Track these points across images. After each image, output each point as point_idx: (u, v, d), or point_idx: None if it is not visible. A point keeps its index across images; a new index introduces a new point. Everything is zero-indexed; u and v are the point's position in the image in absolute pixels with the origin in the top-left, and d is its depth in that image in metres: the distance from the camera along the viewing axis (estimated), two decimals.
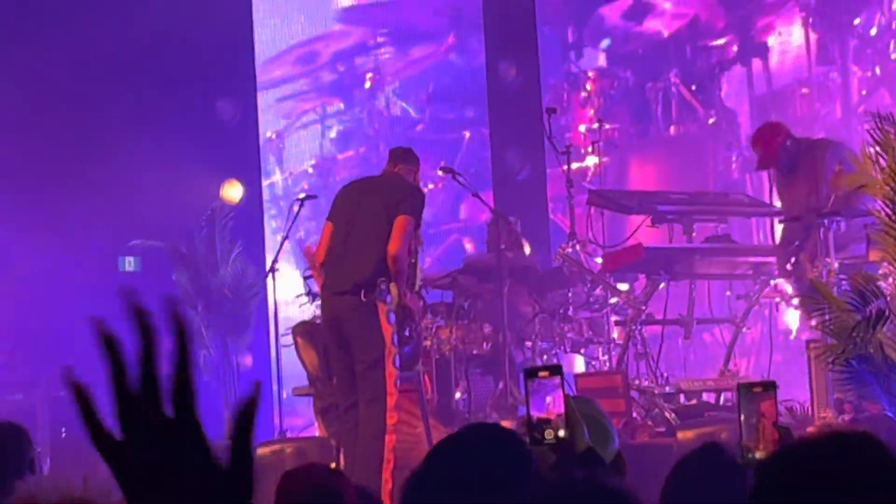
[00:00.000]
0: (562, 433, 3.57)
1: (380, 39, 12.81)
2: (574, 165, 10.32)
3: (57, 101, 10.79)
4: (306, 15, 12.67)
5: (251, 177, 11.73)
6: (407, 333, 7.72)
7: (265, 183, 12.58)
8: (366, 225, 7.47)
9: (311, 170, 13.29)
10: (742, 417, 3.66)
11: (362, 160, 12.58)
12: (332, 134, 13.36)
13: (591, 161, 10.94)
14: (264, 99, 12.26)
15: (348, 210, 7.65)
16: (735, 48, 10.82)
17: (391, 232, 7.34)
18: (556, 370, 3.82)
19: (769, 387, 6.06)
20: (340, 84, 13.07)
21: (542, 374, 3.88)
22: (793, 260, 8.48)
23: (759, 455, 3.48)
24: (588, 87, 11.67)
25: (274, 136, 13.15)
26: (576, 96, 11.64)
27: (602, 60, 11.90)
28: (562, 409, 3.67)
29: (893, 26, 9.79)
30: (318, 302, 8.68)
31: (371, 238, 7.34)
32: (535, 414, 3.68)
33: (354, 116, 13.37)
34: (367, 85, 13.03)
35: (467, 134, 12.56)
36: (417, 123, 12.86)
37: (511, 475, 3.03)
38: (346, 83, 13.03)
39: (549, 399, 4.24)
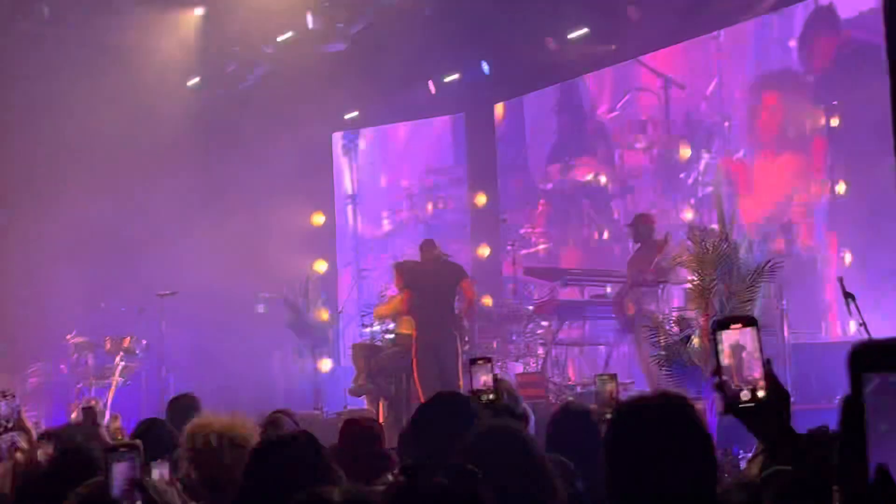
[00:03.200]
0: (491, 396, 4.69)
1: (438, 181, 17.37)
2: (531, 250, 15.26)
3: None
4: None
5: (330, 255, 16.88)
6: None
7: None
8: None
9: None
10: (596, 395, 5.27)
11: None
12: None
13: (541, 246, 15.49)
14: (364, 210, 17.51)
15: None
16: (615, 188, 15.13)
17: None
18: (488, 360, 4.86)
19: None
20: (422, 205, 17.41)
21: (480, 361, 4.86)
22: (620, 303, 11.71)
23: (608, 416, 4.46)
24: (539, 207, 16.03)
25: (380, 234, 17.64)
26: (531, 211, 16.03)
27: (548, 195, 16.11)
28: (491, 383, 4.74)
29: (699, 179, 13.76)
30: (370, 329, 13.34)
31: None
32: (476, 386, 4.73)
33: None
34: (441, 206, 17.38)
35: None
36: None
37: (463, 419, 4.07)
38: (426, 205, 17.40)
39: (484, 377, 4.72)
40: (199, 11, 15.12)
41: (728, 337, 2.44)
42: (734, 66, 13.80)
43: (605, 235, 15.22)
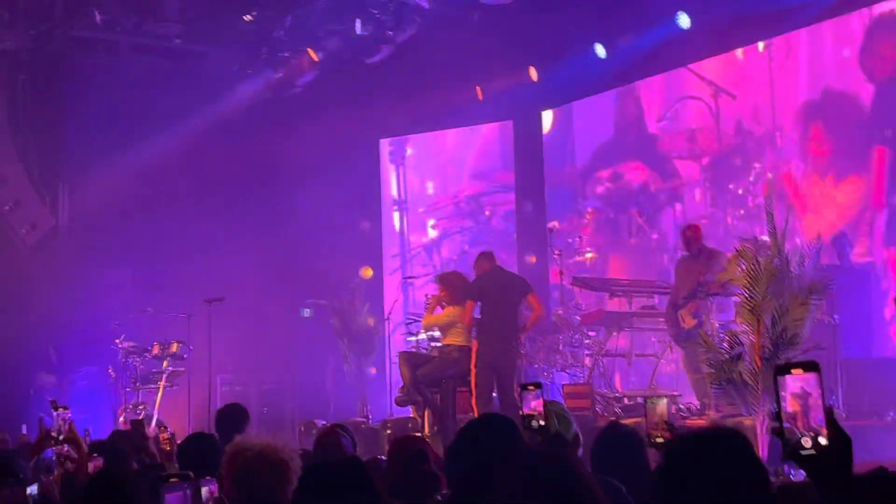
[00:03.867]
0: (542, 422, 4.58)
1: (486, 189, 17.29)
2: (578, 259, 14.85)
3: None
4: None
5: (377, 262, 16.92)
6: None
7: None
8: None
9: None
10: (646, 417, 4.80)
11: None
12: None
13: (589, 255, 15.01)
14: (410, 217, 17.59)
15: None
16: (663, 197, 14.88)
17: None
18: (538, 385, 4.71)
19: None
20: (469, 213, 17.47)
21: (530, 387, 4.73)
22: (675, 315, 11.39)
23: (658, 440, 4.59)
24: (587, 216, 15.67)
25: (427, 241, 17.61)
26: (579, 220, 15.82)
27: (596, 203, 15.83)
28: (541, 409, 4.61)
29: (749, 189, 13.55)
30: (416, 337, 13.37)
31: None
32: (525, 411, 4.62)
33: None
34: (487, 213, 17.34)
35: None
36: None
37: (506, 442, 4.02)
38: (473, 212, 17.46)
39: (534, 403, 4.67)
40: (248, 17, 15.14)
41: (789, 382, 2.39)
42: (787, 74, 13.60)
43: (654, 245, 15.06)
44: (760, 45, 13.70)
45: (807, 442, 2.35)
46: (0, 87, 15.39)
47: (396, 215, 17.93)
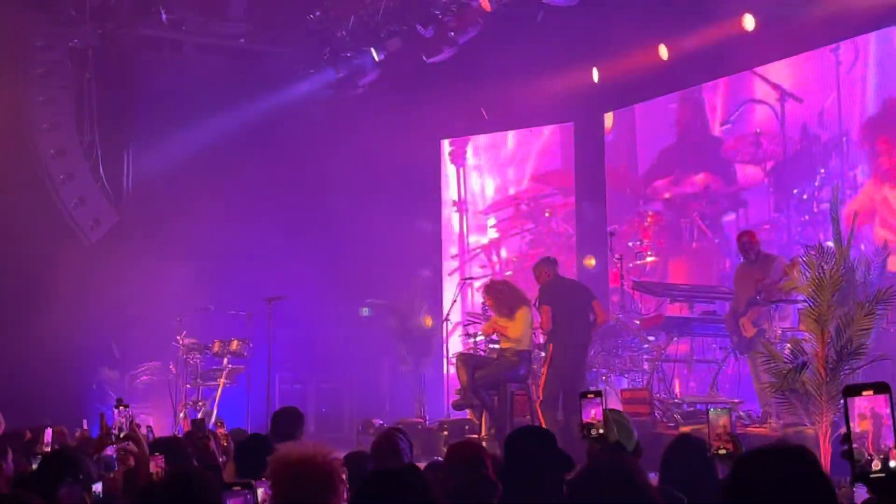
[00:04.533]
0: (601, 431, 4.68)
1: (546, 191, 17.28)
2: (639, 262, 14.79)
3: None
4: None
5: (436, 262, 16.94)
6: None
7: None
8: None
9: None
10: (708, 428, 4.69)
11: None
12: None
13: (650, 259, 14.93)
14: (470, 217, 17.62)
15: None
16: (726, 201, 14.67)
17: None
18: (598, 394, 4.79)
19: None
20: (529, 214, 17.43)
21: (589, 395, 4.80)
22: (736, 323, 11.39)
23: (721, 451, 4.57)
24: (648, 220, 15.36)
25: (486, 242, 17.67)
26: (640, 223, 15.53)
27: (658, 206, 15.63)
28: (601, 417, 4.71)
29: (814, 195, 13.33)
30: (475, 339, 13.38)
31: None
32: (585, 419, 4.70)
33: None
34: (547, 214, 17.31)
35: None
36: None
37: (542, 450, 4.35)
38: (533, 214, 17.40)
39: (593, 411, 4.74)
40: (312, 16, 15.25)
41: (859, 403, 2.35)
42: (854, 79, 13.39)
43: (715, 250, 14.89)
44: (834, 46, 13.44)
45: (876, 464, 2.30)
46: (67, 84, 15.65)
47: (456, 216, 17.93)
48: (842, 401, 2.45)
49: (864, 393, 2.34)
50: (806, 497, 2.68)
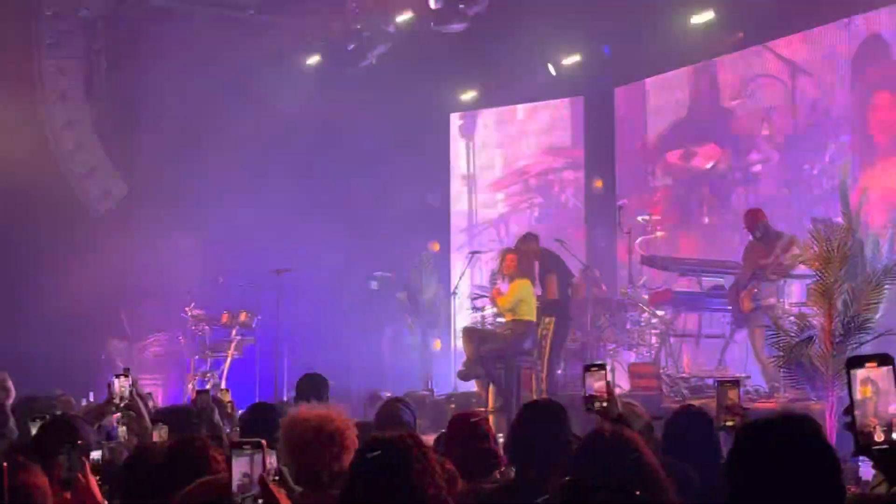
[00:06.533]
0: (605, 404, 4.65)
1: (555, 165, 17.30)
2: (648, 236, 14.44)
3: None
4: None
5: (445, 236, 17.00)
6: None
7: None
8: None
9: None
10: (717, 401, 4.72)
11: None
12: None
13: (659, 234, 14.55)
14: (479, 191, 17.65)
15: None
16: (736, 176, 14.68)
17: None
18: (602, 366, 4.73)
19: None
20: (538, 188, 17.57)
21: (593, 368, 4.73)
22: (736, 297, 11.48)
23: (728, 423, 4.61)
24: (658, 194, 15.51)
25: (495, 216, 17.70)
26: (650, 197, 15.63)
27: (668, 181, 15.82)
28: (605, 390, 4.67)
29: (825, 171, 13.24)
30: (482, 312, 13.48)
31: None
32: (589, 392, 4.67)
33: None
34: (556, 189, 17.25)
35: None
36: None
37: (556, 421, 4.45)
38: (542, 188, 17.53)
39: (597, 384, 4.65)
40: None
41: (862, 375, 2.34)
42: (867, 54, 13.29)
43: (725, 225, 14.80)
44: (846, 21, 13.34)
45: (879, 436, 2.29)
46: (77, 56, 15.65)
47: (465, 190, 17.88)
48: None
49: (868, 365, 2.33)
50: (809, 464, 2.68)
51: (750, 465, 2.73)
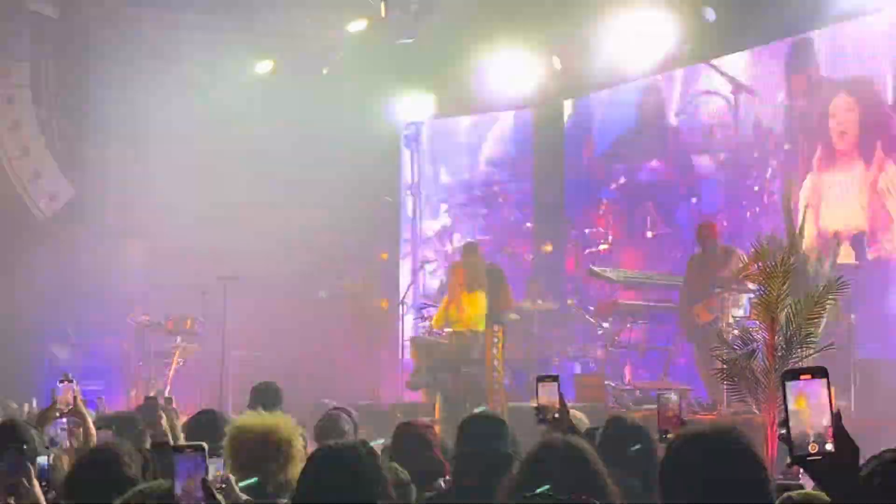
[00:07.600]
0: (556, 415, 4.77)
1: (500, 178, 17.15)
2: (595, 249, 14.94)
3: None
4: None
5: (393, 245, 16.99)
6: None
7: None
8: None
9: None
10: (658, 412, 5.00)
11: None
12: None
13: (603, 247, 14.97)
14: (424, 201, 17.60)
15: None
16: (681, 191, 14.74)
17: None
18: (555, 378, 4.90)
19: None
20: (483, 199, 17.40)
21: (546, 379, 4.87)
22: (689, 311, 11.59)
23: (669, 435, 4.74)
24: (603, 207, 15.51)
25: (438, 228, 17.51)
26: (595, 211, 15.63)
27: (613, 195, 15.69)
28: (557, 401, 4.80)
29: (766, 187, 13.43)
30: (426, 325, 13.33)
31: None
32: (541, 403, 4.80)
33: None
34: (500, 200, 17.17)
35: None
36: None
37: (497, 434, 4.57)
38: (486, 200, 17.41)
39: (549, 395, 4.77)
40: None
41: (797, 388, 2.41)
42: (806, 72, 13.50)
43: (669, 239, 14.93)
44: (789, 40, 13.55)
45: (813, 447, 2.35)
46: (25, 57, 15.47)
47: (410, 199, 17.82)
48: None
49: (803, 377, 2.40)
50: (737, 476, 2.77)
51: (680, 476, 2.82)
